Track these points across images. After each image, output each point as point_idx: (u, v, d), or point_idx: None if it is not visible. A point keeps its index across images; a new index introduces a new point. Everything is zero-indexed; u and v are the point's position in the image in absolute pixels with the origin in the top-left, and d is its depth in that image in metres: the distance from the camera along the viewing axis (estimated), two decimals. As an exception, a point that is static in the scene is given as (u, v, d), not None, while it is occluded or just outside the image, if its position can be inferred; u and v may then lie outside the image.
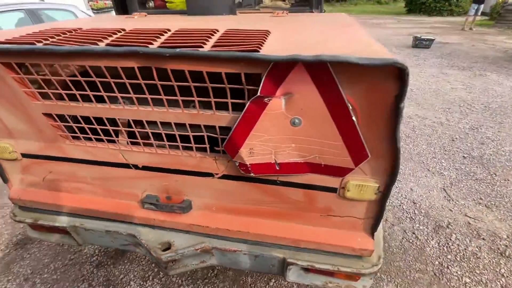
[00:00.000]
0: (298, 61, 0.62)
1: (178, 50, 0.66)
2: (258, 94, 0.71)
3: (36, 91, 0.88)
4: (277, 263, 1.08)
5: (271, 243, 1.07)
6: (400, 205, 2.28)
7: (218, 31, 0.84)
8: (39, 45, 0.75)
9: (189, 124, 0.87)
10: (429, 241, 1.96)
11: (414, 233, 2.03)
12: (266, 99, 0.72)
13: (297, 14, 1.33)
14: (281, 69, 0.66)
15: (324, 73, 0.65)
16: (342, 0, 25.48)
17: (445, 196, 2.36)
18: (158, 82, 0.76)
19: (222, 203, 1.08)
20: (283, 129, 0.79)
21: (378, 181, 0.87)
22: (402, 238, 1.99)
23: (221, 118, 0.82)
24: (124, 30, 0.87)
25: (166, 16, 1.36)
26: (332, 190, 0.93)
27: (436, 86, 4.82)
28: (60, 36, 0.84)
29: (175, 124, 0.88)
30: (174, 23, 1.07)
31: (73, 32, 0.88)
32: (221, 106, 0.80)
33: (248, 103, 0.74)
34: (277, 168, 0.89)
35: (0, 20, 3.57)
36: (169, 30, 0.85)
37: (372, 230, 0.98)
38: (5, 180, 1.23)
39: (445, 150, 2.99)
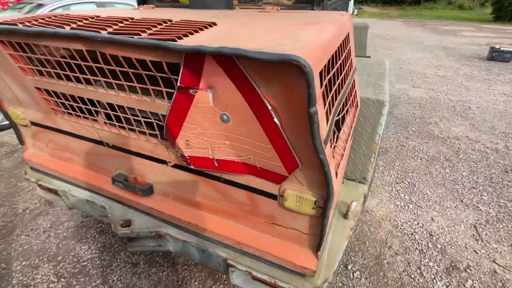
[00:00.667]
0: (203, 53, 0.60)
1: (106, 35, 0.69)
2: (178, 84, 0.70)
3: (26, 67, 1.02)
4: (222, 263, 1.06)
5: (216, 241, 1.06)
6: (412, 234, 2.01)
7: (171, 21, 0.85)
8: (19, 26, 0.86)
9: (148, 111, 0.90)
10: (436, 282, 1.69)
11: (419, 268, 1.77)
12: (191, 90, 0.71)
13: (289, 11, 1.26)
14: (195, 60, 0.64)
15: (234, 67, 0.61)
16: (415, 3, 23.23)
17: (473, 235, 2.00)
18: (104, 66, 0.81)
19: (177, 193, 1.10)
20: (214, 124, 0.77)
21: (316, 194, 0.78)
22: (403, 271, 1.76)
23: (161, 106, 0.83)
24: (97, 17, 0.94)
25: (165, 9, 1.43)
26: (273, 196, 0.87)
27: (504, 107, 4.08)
28: (44, 20, 0.95)
29: (136, 109, 0.92)
30: (155, 15, 1.12)
31: (58, 17, 0.99)
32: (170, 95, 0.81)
33: (175, 93, 0.74)
34: (216, 165, 0.87)
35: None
36: (130, 19, 0.89)
37: (316, 248, 0.89)
38: (21, 143, 1.45)
39: (492, 182, 2.52)
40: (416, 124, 3.57)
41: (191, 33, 0.71)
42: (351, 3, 19.57)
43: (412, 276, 1.73)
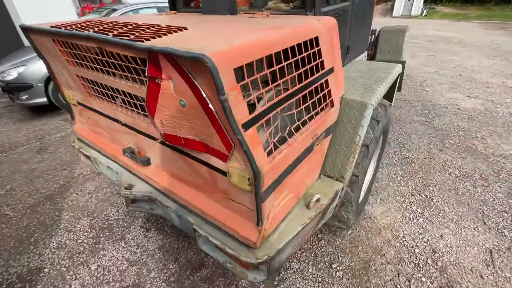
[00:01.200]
0: (153, 51, 0.80)
1: (95, 35, 0.95)
2: (146, 74, 0.92)
3: (69, 59, 1.37)
4: (191, 228, 1.26)
5: (188, 209, 1.26)
6: (412, 247, 1.92)
7: (159, 26, 1.08)
8: (58, 29, 1.20)
9: (139, 96, 1.15)
10: (423, 297, 1.62)
11: (409, 281, 1.71)
12: (157, 80, 0.93)
13: (277, 16, 1.38)
14: (154, 57, 0.85)
15: (175, 62, 0.80)
16: (504, 2, 19.98)
17: (485, 259, 1.82)
18: (109, 60, 1.08)
19: (164, 165, 1.35)
20: (176, 108, 0.97)
21: (248, 172, 0.92)
22: (390, 280, 1.72)
23: (144, 92, 1.07)
24: (114, 23, 1.23)
25: (178, 15, 1.68)
26: (224, 173, 1.04)
27: None
28: (80, 25, 1.28)
29: (132, 94, 1.18)
30: (165, 20, 1.37)
31: (90, 22, 1.31)
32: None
33: (148, 82, 0.96)
34: (183, 142, 1.08)
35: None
36: (134, 24, 1.15)
37: (257, 223, 1.02)
38: (72, 118, 1.88)
39: (532, 209, 2.21)
40: (457, 137, 3.24)
41: (160, 36, 0.92)
42: (420, 3, 17.75)
43: (398, 286, 1.68)
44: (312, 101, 1.13)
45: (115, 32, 1.00)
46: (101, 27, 1.13)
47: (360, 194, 1.83)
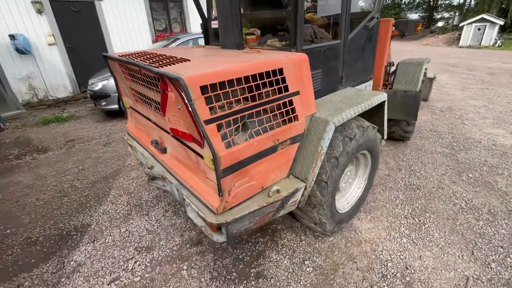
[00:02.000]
0: (161, 75, 1.34)
1: (134, 61, 1.55)
2: (159, 88, 1.47)
3: (127, 77, 2.05)
4: (183, 199, 1.73)
5: (183, 184, 1.75)
6: (386, 260, 2.05)
7: (175, 57, 1.64)
8: (120, 57, 1.86)
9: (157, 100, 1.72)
10: (380, 301, 1.76)
11: (371, 287, 1.86)
12: (166, 91, 1.47)
13: (265, 51, 1.83)
14: (163, 77, 1.39)
15: (171, 82, 1.32)
16: None
17: (459, 285, 1.85)
18: (141, 77, 1.67)
19: (173, 152, 1.87)
20: (176, 110, 1.49)
21: (212, 155, 1.36)
22: (353, 282, 1.90)
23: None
24: (151, 54, 1.85)
25: (204, 48, 2.27)
26: (201, 156, 1.50)
27: None
28: (132, 55, 1.94)
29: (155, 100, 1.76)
30: (185, 53, 1.95)
31: (138, 53, 1.95)
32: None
33: (161, 93, 1.51)
34: (181, 134, 1.59)
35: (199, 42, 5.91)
36: (162, 55, 1.74)
37: (218, 193, 1.44)
38: (126, 118, 2.60)
39: (536, 249, 2.10)
40: (478, 172, 3.13)
41: (170, 64, 1.47)
42: (493, 32, 16.22)
43: (359, 289, 1.85)
44: (273, 114, 1.54)
45: (148, 62, 1.60)
46: (143, 57, 1.75)
47: (334, 202, 2.07)
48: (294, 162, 1.81)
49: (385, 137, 2.49)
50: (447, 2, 29.04)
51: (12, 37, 5.68)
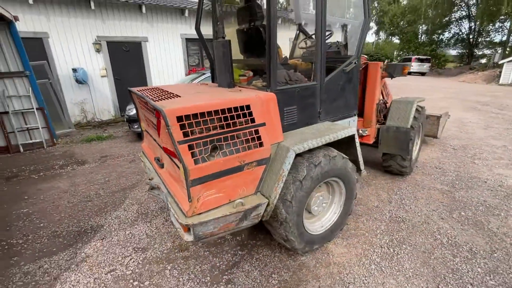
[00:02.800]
0: (154, 107, 1.83)
1: (140, 94, 2.07)
2: (155, 116, 1.96)
3: (142, 106, 2.62)
4: (168, 204, 2.13)
5: (170, 192, 2.15)
6: (349, 283, 2.18)
7: (172, 93, 2.14)
8: (136, 91, 2.44)
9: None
10: (331, 317, 1.90)
11: (326, 303, 2.01)
12: (159, 118, 1.95)
13: (246, 89, 2.25)
14: (155, 108, 1.88)
15: (159, 112, 1.79)
16: None
17: (413, 312, 1.92)
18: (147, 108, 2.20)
19: (168, 167, 2.32)
20: (166, 133, 1.95)
21: (184, 167, 1.77)
22: (311, 297, 2.06)
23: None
24: (159, 89, 2.39)
25: (202, 86, 2.79)
26: (179, 168, 1.91)
27: None
28: (146, 90, 2.50)
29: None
30: (182, 89, 2.47)
31: (151, 89, 2.52)
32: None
33: (157, 119, 2.00)
34: (169, 151, 2.03)
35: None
36: (164, 91, 2.27)
37: (188, 199, 1.81)
38: (142, 139, 3.17)
39: (508, 290, 2.07)
40: (472, 211, 3.10)
41: (165, 99, 1.96)
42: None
43: (315, 304, 2.01)
44: (240, 139, 1.93)
45: (152, 96, 2.12)
46: (152, 92, 2.30)
47: (302, 222, 2.30)
48: (262, 181, 2.14)
49: (362, 168, 2.70)
50: (488, 39, 28.06)
51: (74, 70, 6.99)
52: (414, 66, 24.64)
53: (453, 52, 32.32)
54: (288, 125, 2.42)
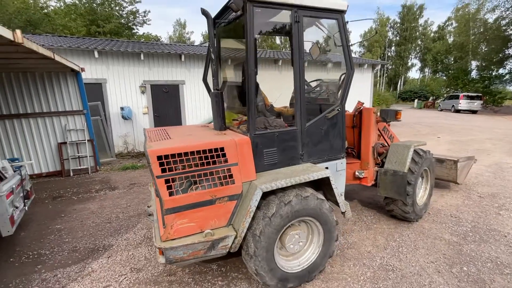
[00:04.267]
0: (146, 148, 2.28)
1: (145, 133, 2.56)
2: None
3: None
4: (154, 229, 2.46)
5: (156, 219, 2.50)
6: (313, 326, 2.18)
7: (167, 135, 2.59)
8: (144, 129, 2.97)
9: None
10: None
11: None
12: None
13: (229, 133, 2.60)
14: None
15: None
16: None
17: None
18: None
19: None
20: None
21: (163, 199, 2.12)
22: (271, 335, 2.11)
23: (153, 161, 2.55)
24: (162, 130, 2.89)
25: (200, 127, 3.23)
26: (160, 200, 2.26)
27: None
28: (153, 131, 3.02)
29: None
30: (180, 131, 2.93)
31: (159, 130, 3.03)
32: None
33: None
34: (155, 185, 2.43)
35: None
36: (167, 133, 2.74)
37: (163, 225, 2.13)
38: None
39: None
40: (477, 267, 2.83)
41: (160, 140, 2.41)
42: None
43: None
44: (212, 176, 2.25)
45: (152, 136, 2.61)
46: (155, 133, 2.80)
47: (272, 257, 2.41)
48: (234, 215, 2.38)
49: (342, 209, 2.76)
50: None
51: (121, 108, 8.27)
52: (463, 104, 23.05)
53: (510, 88, 29.49)
54: (268, 165, 2.68)
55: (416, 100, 31.76)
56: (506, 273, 2.73)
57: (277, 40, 35.74)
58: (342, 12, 2.86)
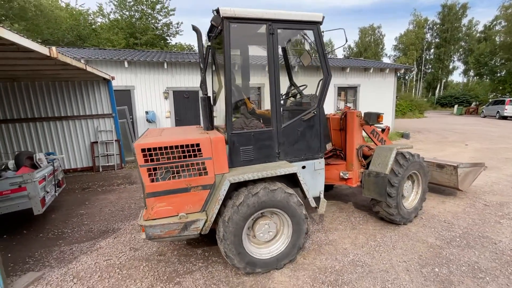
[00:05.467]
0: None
1: (146, 131, 3.03)
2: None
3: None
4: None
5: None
6: (269, 304, 2.43)
7: (160, 133, 3.04)
8: (145, 130, 3.47)
9: None
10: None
11: (239, 315, 2.33)
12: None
13: (211, 132, 2.96)
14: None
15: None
16: None
17: None
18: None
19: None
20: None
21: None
22: (230, 308, 2.41)
23: (146, 154, 3.02)
24: (161, 130, 3.36)
25: (193, 128, 3.63)
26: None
27: None
28: (154, 130, 3.51)
29: None
30: (174, 131, 3.37)
31: (158, 130, 3.51)
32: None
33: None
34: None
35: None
36: (162, 131, 3.20)
37: (144, 207, 2.56)
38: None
39: None
40: (450, 269, 2.83)
41: (147, 137, 2.87)
42: None
43: (230, 313, 2.35)
44: (188, 168, 2.64)
45: (149, 134, 3.08)
46: (153, 131, 3.29)
47: (240, 242, 2.70)
48: (208, 202, 2.74)
49: (312, 205, 2.97)
50: None
51: (146, 112, 9.15)
52: (509, 110, 20.98)
53: None
54: (245, 161, 3.00)
55: (456, 106, 29.48)
56: (479, 277, 2.71)
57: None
58: (317, 23, 3.11)
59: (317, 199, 3.29)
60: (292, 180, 3.03)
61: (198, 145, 2.69)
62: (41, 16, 17.07)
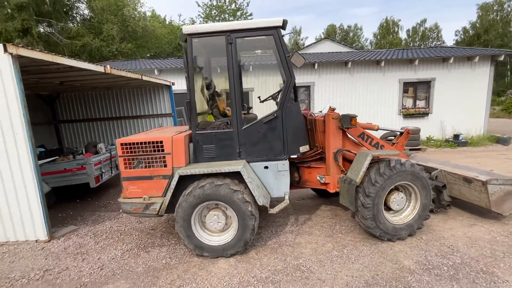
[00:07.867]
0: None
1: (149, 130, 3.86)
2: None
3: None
4: (133, 193, 3.74)
5: (136, 186, 3.77)
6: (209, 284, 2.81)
7: (153, 131, 3.79)
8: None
9: None
10: (159, 290, 2.71)
11: None
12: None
13: (188, 132, 3.46)
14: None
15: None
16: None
17: (201, 316, 2.36)
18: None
19: (145, 173, 3.97)
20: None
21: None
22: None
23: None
24: (156, 130, 4.13)
25: (178, 128, 4.20)
26: (129, 173, 3.49)
27: None
28: (155, 129, 4.32)
29: None
30: (164, 129, 4.06)
31: (157, 129, 4.30)
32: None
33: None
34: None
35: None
36: (157, 130, 3.97)
37: (122, 188, 3.35)
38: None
39: None
40: (399, 296, 2.49)
41: (134, 134, 3.64)
42: None
43: None
44: (153, 160, 3.27)
45: (140, 133, 3.90)
46: (146, 131, 4.10)
47: (190, 227, 3.15)
48: (167, 190, 3.30)
49: (260, 203, 3.12)
50: None
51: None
52: None
53: None
54: (207, 158, 3.43)
55: None
56: (427, 311, 2.29)
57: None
58: (277, 28, 3.20)
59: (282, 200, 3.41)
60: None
61: (161, 142, 3.29)
62: (147, 35, 21.42)
